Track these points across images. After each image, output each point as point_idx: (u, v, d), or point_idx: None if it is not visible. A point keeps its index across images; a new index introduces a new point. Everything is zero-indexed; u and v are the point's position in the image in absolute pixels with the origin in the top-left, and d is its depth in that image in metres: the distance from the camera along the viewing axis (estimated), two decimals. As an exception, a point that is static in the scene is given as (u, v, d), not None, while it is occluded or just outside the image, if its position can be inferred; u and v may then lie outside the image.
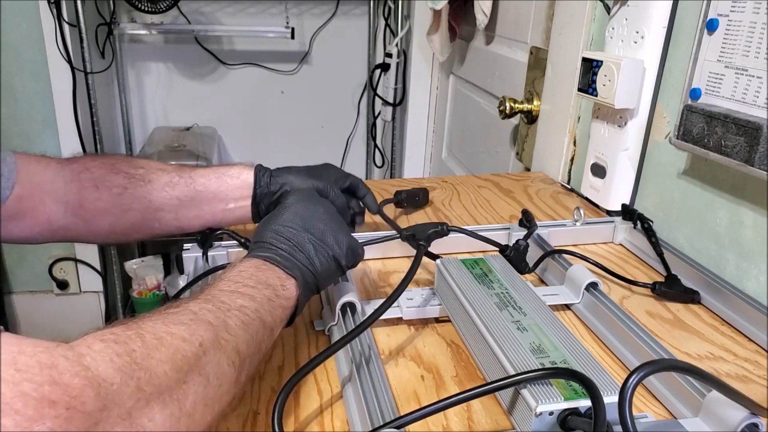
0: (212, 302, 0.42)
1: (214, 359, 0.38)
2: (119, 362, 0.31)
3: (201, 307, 0.40)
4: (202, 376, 0.36)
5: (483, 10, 1.32)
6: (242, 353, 0.40)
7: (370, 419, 0.42)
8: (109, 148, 1.92)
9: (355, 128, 2.24)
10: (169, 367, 0.34)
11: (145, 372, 0.32)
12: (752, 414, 0.41)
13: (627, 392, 0.36)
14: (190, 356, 0.36)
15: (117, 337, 0.32)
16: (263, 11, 2.01)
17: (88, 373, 0.29)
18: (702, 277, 0.65)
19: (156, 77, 2.06)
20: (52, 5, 1.69)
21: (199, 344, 0.37)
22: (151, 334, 0.35)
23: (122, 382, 0.30)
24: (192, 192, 0.65)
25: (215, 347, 0.38)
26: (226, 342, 0.39)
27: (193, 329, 0.37)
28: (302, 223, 0.52)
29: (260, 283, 0.46)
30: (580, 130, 0.99)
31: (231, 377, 0.39)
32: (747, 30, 0.61)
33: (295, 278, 0.48)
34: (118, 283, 2.03)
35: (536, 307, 0.52)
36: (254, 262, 0.48)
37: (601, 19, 0.92)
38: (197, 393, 0.35)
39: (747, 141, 0.59)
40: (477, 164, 1.59)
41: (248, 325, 0.42)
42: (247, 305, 0.43)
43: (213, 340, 0.38)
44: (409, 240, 0.62)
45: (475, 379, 0.51)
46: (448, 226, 0.62)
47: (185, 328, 0.37)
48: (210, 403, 0.37)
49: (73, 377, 0.28)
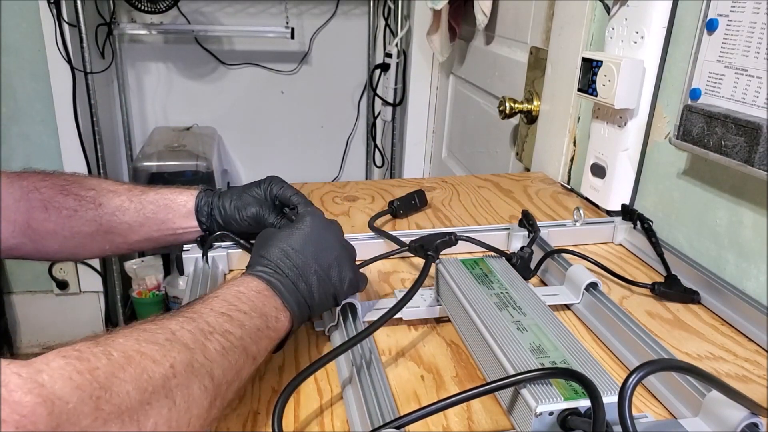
0: (196, 322, 0.41)
1: (185, 382, 0.37)
2: (78, 380, 0.30)
3: (182, 327, 0.40)
4: (169, 398, 0.35)
5: (483, 10, 1.32)
6: (216, 378, 0.39)
7: (370, 419, 0.42)
8: (108, 148, 1.92)
9: (355, 128, 2.24)
10: (132, 387, 0.33)
11: (106, 391, 0.31)
12: (752, 414, 0.41)
13: (626, 392, 0.36)
14: (157, 377, 0.35)
15: (80, 354, 0.32)
16: (263, 11, 2.01)
17: (42, 390, 0.28)
18: (702, 277, 0.65)
19: (156, 77, 2.06)
20: (51, 5, 1.69)
21: (170, 365, 0.36)
22: (120, 352, 0.34)
23: (79, 401, 0.29)
24: (142, 218, 0.65)
25: (187, 370, 0.37)
26: (200, 366, 0.38)
27: (167, 350, 0.37)
28: (313, 251, 0.52)
29: (255, 310, 0.46)
30: (579, 130, 0.99)
31: (202, 403, 0.38)
32: (747, 30, 0.61)
33: (292, 312, 0.49)
34: (117, 283, 2.02)
35: (536, 307, 0.52)
36: (257, 284, 0.48)
37: (601, 19, 0.92)
38: (160, 415, 0.34)
39: (747, 141, 0.59)
40: (477, 164, 1.59)
41: (229, 351, 0.41)
42: (233, 331, 0.42)
43: (186, 363, 0.37)
44: (418, 252, 0.61)
45: (475, 379, 0.51)
46: (456, 236, 0.61)
47: (158, 349, 0.36)
48: (176, 426, 0.36)
49: (25, 395, 0.27)
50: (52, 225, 0.63)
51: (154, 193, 0.66)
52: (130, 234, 0.65)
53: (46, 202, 0.63)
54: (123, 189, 0.66)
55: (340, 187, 0.96)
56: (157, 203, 0.65)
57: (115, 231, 0.65)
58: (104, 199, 0.64)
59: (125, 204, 0.65)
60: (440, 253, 0.61)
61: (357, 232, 0.76)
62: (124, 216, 0.64)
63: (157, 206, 0.65)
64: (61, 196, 0.64)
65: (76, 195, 0.64)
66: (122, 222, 0.65)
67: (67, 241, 0.64)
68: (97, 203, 0.64)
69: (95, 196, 0.64)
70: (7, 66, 1.81)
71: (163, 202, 0.66)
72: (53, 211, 0.63)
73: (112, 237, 0.65)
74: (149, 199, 0.65)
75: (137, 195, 0.66)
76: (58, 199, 0.63)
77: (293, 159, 2.24)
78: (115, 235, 0.65)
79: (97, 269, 2.06)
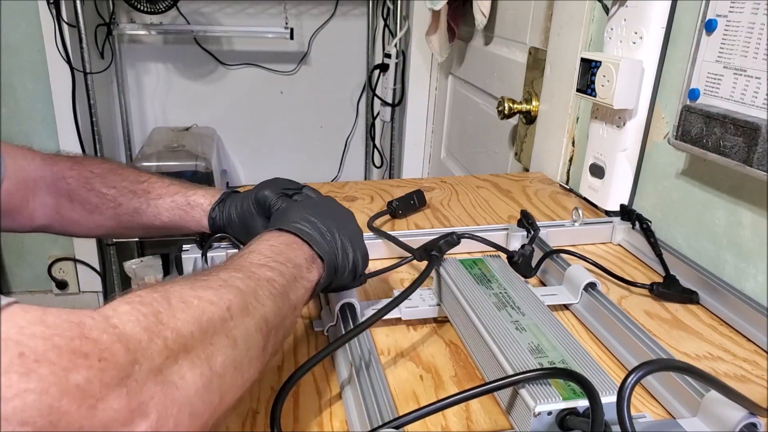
0: (242, 271, 0.42)
1: (242, 323, 0.38)
2: (145, 322, 0.31)
3: (231, 275, 0.41)
4: (230, 338, 0.36)
5: (482, 11, 1.32)
6: (270, 322, 0.41)
7: (369, 419, 0.42)
8: (108, 148, 1.92)
9: (354, 128, 2.24)
10: (196, 327, 0.34)
11: (172, 331, 0.32)
12: (751, 414, 0.41)
13: (625, 392, 0.36)
14: (216, 318, 0.36)
15: (142, 299, 0.33)
16: (262, 12, 2.01)
17: (115, 330, 0.29)
18: (700, 277, 0.65)
19: (155, 77, 2.06)
20: (51, 5, 1.69)
21: (226, 308, 0.37)
22: (177, 297, 0.35)
23: (149, 340, 0.30)
24: (158, 222, 0.67)
25: (243, 312, 0.38)
26: (254, 309, 0.39)
27: (222, 293, 0.38)
28: (334, 219, 0.53)
29: (289, 260, 0.46)
30: (578, 130, 0.99)
31: (258, 343, 0.39)
32: (745, 30, 0.61)
33: (323, 260, 0.49)
34: (117, 283, 2.02)
35: (535, 307, 0.52)
36: (287, 237, 0.49)
37: (600, 19, 0.92)
38: (226, 354, 0.35)
39: (745, 141, 0.59)
40: (476, 164, 1.59)
41: (276, 297, 0.42)
42: (276, 279, 0.43)
43: (241, 305, 0.38)
44: (423, 257, 0.61)
45: (473, 379, 0.52)
46: (458, 235, 0.62)
47: (213, 293, 0.37)
48: (239, 366, 0.37)
49: (102, 333, 0.28)
50: (76, 215, 0.67)
51: (169, 200, 0.67)
52: (149, 230, 0.70)
53: (71, 193, 0.66)
54: (141, 190, 0.68)
55: (339, 188, 0.96)
56: (171, 212, 0.67)
57: (135, 227, 0.69)
58: (123, 200, 0.67)
59: (142, 207, 0.67)
60: (444, 253, 0.60)
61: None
62: (142, 218, 0.67)
63: (172, 214, 0.67)
64: (85, 191, 0.66)
65: (98, 192, 0.66)
66: (140, 223, 0.68)
67: (90, 230, 0.69)
68: (117, 203, 0.67)
69: (116, 196, 0.67)
70: (7, 66, 1.81)
71: (177, 213, 0.67)
72: (77, 204, 0.66)
73: (132, 231, 0.70)
74: (165, 206, 0.67)
75: (154, 199, 0.67)
76: (81, 192, 0.66)
77: (292, 159, 2.24)
78: (135, 229, 0.70)
79: (97, 269, 2.06)
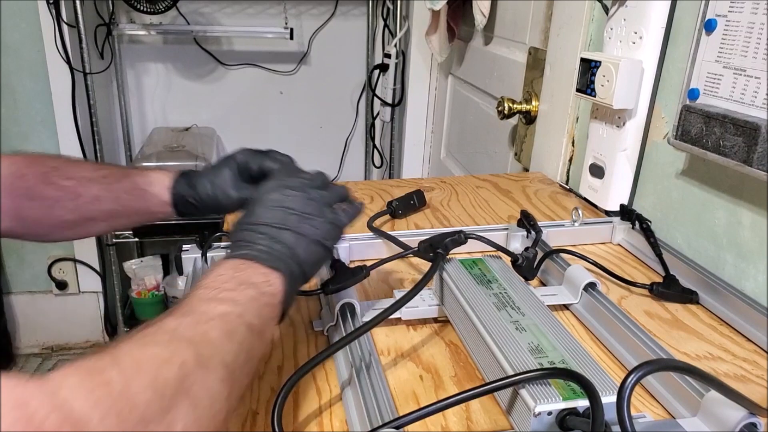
0: (190, 315, 0.39)
1: (200, 378, 0.35)
2: (96, 395, 0.29)
3: (179, 323, 0.38)
4: (189, 398, 0.34)
5: (481, 11, 1.32)
6: (230, 365, 0.38)
7: (369, 419, 0.42)
8: (108, 148, 1.92)
9: (354, 129, 2.24)
10: (151, 394, 0.31)
11: (126, 403, 0.30)
12: (751, 414, 0.41)
13: (625, 392, 0.36)
14: (172, 379, 0.33)
15: (92, 367, 0.31)
16: (262, 12, 2.01)
17: (63, 409, 0.27)
18: (700, 277, 0.65)
19: (155, 78, 2.06)
20: (51, 6, 1.69)
21: (180, 364, 0.34)
22: (127, 358, 0.33)
23: (101, 418, 0.28)
24: (119, 207, 0.65)
25: (198, 365, 0.35)
26: (209, 358, 0.37)
27: (173, 348, 0.35)
28: (275, 215, 0.50)
29: (242, 284, 0.44)
30: (578, 130, 0.99)
31: (221, 394, 0.37)
32: (745, 30, 0.61)
33: (279, 270, 0.46)
34: (117, 283, 2.02)
35: (535, 307, 0.52)
36: (231, 263, 0.46)
37: (600, 19, 0.92)
38: (187, 419, 0.33)
39: (745, 141, 0.59)
40: (475, 164, 1.59)
41: (233, 333, 0.40)
42: (229, 311, 0.41)
43: (195, 357, 0.36)
44: (427, 253, 0.60)
45: (473, 379, 0.52)
46: (465, 234, 0.60)
47: (164, 349, 0.35)
48: (205, 424, 0.35)
49: (47, 416, 0.27)
50: (37, 213, 0.64)
51: (128, 181, 0.65)
52: (111, 219, 0.66)
53: (30, 191, 0.64)
54: (100, 175, 0.66)
55: (339, 188, 0.96)
56: (131, 193, 0.65)
57: (97, 218, 0.66)
58: (83, 189, 0.65)
59: (102, 193, 0.65)
60: (449, 252, 0.60)
61: (356, 232, 0.75)
62: (102, 205, 0.65)
63: (131, 196, 0.65)
64: (44, 186, 0.64)
65: (57, 185, 0.64)
66: (101, 211, 0.65)
67: (53, 228, 0.66)
68: (76, 194, 0.64)
69: (75, 186, 0.64)
70: (7, 66, 1.81)
71: (136, 192, 0.65)
72: (37, 200, 0.64)
73: (94, 223, 0.67)
74: (123, 188, 0.65)
75: (112, 183, 0.65)
76: (40, 188, 0.64)
77: (292, 159, 2.24)
78: (98, 221, 0.66)
79: (97, 269, 2.06)
